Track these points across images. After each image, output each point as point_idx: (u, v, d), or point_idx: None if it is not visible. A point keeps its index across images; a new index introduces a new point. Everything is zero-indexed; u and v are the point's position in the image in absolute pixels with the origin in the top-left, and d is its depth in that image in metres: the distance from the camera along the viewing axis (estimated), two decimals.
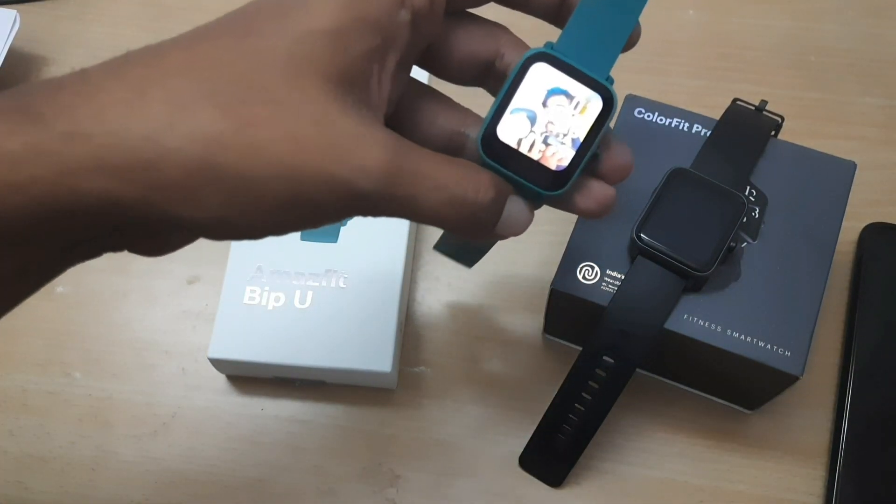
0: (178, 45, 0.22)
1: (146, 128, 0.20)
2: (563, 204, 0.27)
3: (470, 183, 0.24)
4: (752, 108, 0.39)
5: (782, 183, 0.37)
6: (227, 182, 0.20)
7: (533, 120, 0.25)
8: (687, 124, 0.39)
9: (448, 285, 0.44)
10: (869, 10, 0.52)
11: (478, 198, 0.24)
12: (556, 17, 0.26)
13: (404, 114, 0.27)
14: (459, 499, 0.39)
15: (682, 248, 0.34)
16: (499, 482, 0.40)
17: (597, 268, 0.36)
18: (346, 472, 0.40)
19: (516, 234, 0.26)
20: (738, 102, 0.39)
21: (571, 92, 0.25)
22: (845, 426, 0.39)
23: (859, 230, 0.44)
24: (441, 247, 0.34)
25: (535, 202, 0.26)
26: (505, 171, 0.25)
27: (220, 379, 0.42)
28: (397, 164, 0.22)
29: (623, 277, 0.35)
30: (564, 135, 0.25)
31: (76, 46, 0.53)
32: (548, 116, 0.25)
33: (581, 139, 0.25)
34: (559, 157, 0.25)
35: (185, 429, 0.41)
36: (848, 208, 0.37)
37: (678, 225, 0.35)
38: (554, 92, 0.25)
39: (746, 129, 0.38)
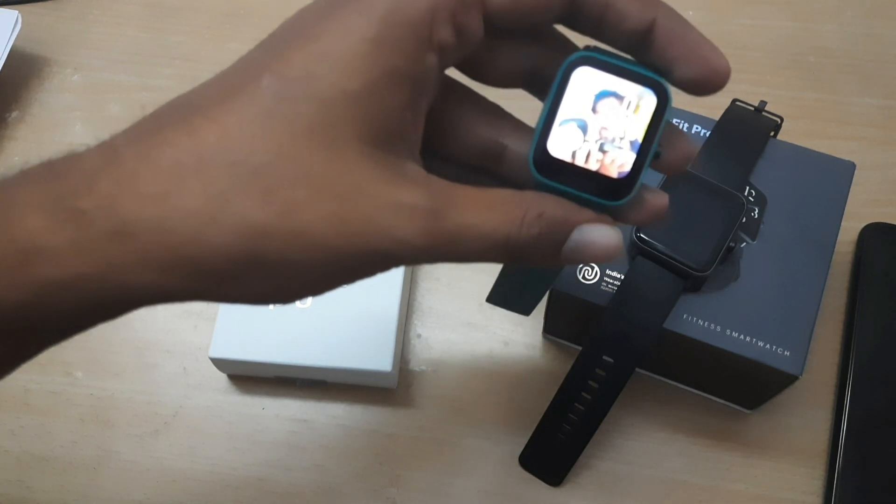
0: (207, 114, 0.21)
1: (189, 225, 0.20)
2: (616, 215, 0.25)
3: (512, 224, 0.22)
4: (752, 108, 0.39)
5: (781, 183, 0.38)
6: (272, 268, 0.21)
7: (584, 129, 0.23)
8: (686, 125, 0.39)
9: (448, 285, 0.45)
10: (868, 10, 0.52)
11: (520, 237, 0.23)
12: (639, 44, 0.23)
13: (440, 121, 0.25)
14: (459, 498, 0.39)
15: (681, 248, 0.34)
16: (499, 482, 0.40)
17: (596, 268, 0.36)
18: (346, 471, 0.40)
19: (600, 260, 0.24)
20: (738, 103, 0.39)
21: (621, 92, 0.23)
22: (844, 426, 0.39)
23: (858, 230, 0.44)
24: (492, 299, 0.33)
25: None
26: (563, 188, 0.23)
27: (222, 378, 0.43)
28: (436, 228, 0.22)
29: (623, 277, 0.36)
30: (621, 138, 0.23)
31: (78, 47, 0.53)
32: (600, 122, 0.23)
33: (640, 140, 0.23)
34: (619, 162, 0.23)
35: (187, 428, 0.41)
36: (847, 208, 0.37)
37: (678, 225, 0.35)
38: (602, 95, 0.23)
39: (746, 130, 0.38)
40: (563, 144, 0.23)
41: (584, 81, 0.23)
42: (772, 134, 0.39)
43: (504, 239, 0.22)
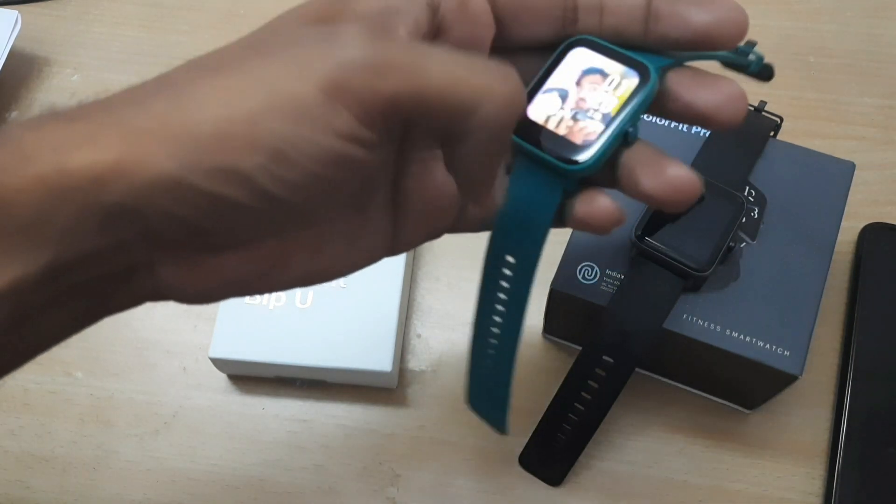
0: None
1: (133, 100, 0.20)
2: (567, 215, 0.25)
3: (485, 57, 0.22)
4: (752, 108, 0.39)
5: (781, 183, 0.38)
6: (191, 111, 0.19)
7: (564, 97, 0.24)
8: (686, 125, 0.39)
9: (448, 285, 0.45)
10: (868, 10, 0.52)
11: (503, 65, 0.21)
12: (643, 23, 0.24)
13: None
14: (459, 498, 0.39)
15: (681, 247, 0.34)
16: (499, 481, 0.40)
17: (596, 268, 0.36)
18: (346, 470, 0.40)
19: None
20: None
21: (607, 70, 0.24)
22: (844, 425, 0.39)
23: (858, 230, 0.44)
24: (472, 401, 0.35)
25: (563, 185, 0.25)
26: (529, 146, 0.24)
27: (222, 378, 0.43)
28: (387, 30, 0.20)
29: (622, 277, 0.36)
30: (595, 110, 0.24)
31: (77, 47, 0.53)
32: (580, 94, 0.24)
33: (612, 113, 0.24)
34: (587, 131, 0.24)
35: (187, 428, 0.41)
36: (847, 208, 0.37)
37: (677, 225, 0.35)
38: (589, 72, 0.24)
39: (745, 130, 0.38)
40: (540, 109, 0.24)
41: (578, 59, 0.24)
42: (772, 134, 0.39)
43: (483, 63, 0.21)
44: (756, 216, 0.37)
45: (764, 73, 0.26)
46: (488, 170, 0.24)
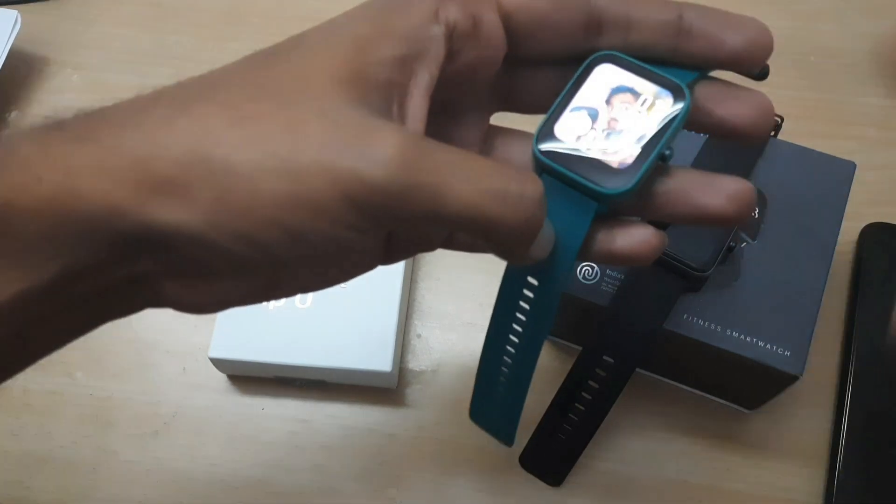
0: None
1: (145, 128, 0.20)
2: (602, 245, 0.24)
3: (512, 174, 0.20)
4: None
5: (782, 183, 0.37)
6: (220, 177, 0.19)
7: (595, 117, 0.23)
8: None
9: (448, 285, 0.45)
10: (869, 10, 0.52)
11: (525, 190, 0.20)
12: (673, 40, 0.23)
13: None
14: (459, 498, 0.39)
15: (681, 248, 0.34)
16: (499, 482, 0.40)
17: (597, 268, 0.36)
18: (346, 471, 0.40)
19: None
20: None
21: (638, 89, 0.23)
22: (845, 426, 0.39)
23: (859, 230, 0.44)
24: (476, 417, 0.34)
25: (596, 208, 0.23)
26: (562, 169, 0.23)
27: (221, 378, 0.43)
28: (417, 148, 0.20)
29: (623, 277, 0.36)
30: (629, 131, 0.23)
31: (77, 46, 0.53)
32: (611, 114, 0.23)
33: (648, 136, 0.22)
34: (623, 154, 0.22)
35: (186, 428, 0.41)
36: (847, 208, 0.37)
37: (678, 225, 0.35)
38: (619, 90, 0.23)
39: None
40: (569, 129, 0.23)
41: (605, 76, 0.23)
42: (772, 134, 0.39)
43: (504, 187, 0.20)
44: (757, 216, 0.37)
45: (763, 73, 0.25)
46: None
